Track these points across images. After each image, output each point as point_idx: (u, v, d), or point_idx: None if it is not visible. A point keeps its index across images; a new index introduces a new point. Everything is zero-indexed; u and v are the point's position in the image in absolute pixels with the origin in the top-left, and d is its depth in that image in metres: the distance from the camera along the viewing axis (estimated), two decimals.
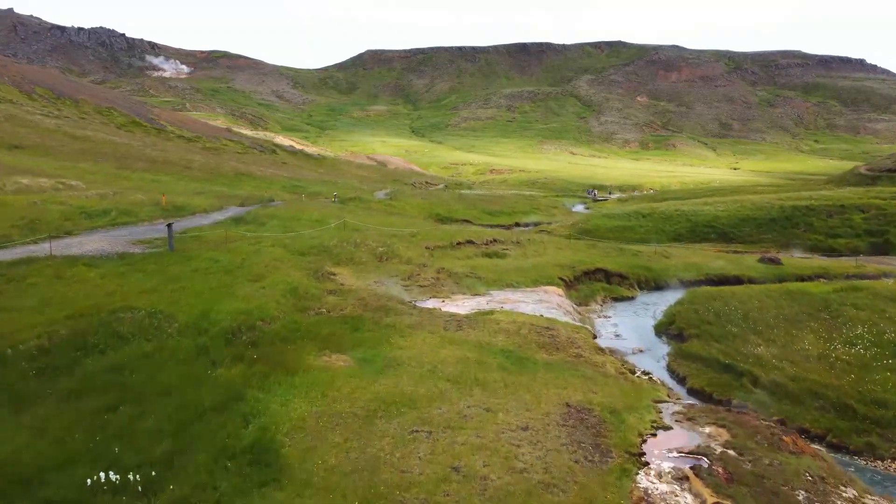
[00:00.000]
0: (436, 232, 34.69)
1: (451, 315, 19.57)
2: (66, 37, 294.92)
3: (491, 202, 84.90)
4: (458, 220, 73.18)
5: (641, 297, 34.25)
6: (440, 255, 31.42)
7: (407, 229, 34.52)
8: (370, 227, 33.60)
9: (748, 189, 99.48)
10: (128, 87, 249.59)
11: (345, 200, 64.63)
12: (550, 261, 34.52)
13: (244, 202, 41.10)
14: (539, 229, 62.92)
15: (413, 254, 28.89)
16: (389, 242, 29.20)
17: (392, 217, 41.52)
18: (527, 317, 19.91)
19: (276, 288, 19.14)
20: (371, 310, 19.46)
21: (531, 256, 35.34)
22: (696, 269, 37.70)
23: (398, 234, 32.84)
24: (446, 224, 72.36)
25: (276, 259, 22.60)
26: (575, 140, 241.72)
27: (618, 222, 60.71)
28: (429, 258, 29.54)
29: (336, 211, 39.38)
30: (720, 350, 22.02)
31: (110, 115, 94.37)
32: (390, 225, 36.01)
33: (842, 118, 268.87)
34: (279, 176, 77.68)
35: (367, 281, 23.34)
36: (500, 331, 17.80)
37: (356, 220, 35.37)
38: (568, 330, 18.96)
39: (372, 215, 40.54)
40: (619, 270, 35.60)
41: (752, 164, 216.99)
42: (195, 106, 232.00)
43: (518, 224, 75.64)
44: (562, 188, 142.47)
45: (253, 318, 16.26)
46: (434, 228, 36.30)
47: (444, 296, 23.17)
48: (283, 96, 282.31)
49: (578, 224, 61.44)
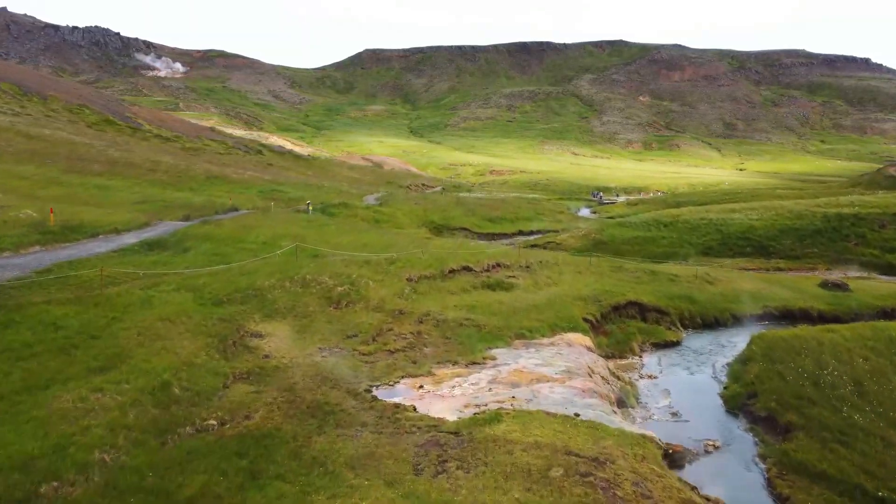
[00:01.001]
0: (421, 258, 26.48)
1: (429, 426, 11.46)
2: (60, 36, 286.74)
3: (491, 207, 76.78)
4: (455, 228, 65.06)
5: (688, 339, 26.17)
6: (426, 289, 23.30)
7: (385, 253, 26.32)
8: (337, 251, 25.43)
9: (766, 192, 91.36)
10: (120, 87, 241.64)
11: (326, 207, 56.58)
12: (569, 291, 26.44)
13: (190, 214, 32.91)
14: (546, 240, 54.85)
15: (387, 292, 20.77)
16: (356, 276, 21.07)
17: (371, 234, 33.01)
18: (555, 426, 11.82)
19: (132, 384, 11.10)
20: (298, 415, 11.46)
21: (544, 286, 27.24)
22: (752, 299, 29.63)
23: (372, 259, 24.72)
24: (442, 233, 64.35)
25: (167, 317, 14.51)
26: (577, 140, 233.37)
27: (636, 232, 52.61)
28: (409, 297, 21.41)
29: (300, 226, 31.09)
30: (853, 462, 13.95)
31: (81, 112, 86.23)
32: (365, 246, 27.88)
33: (848, 118, 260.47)
34: (258, 179, 69.58)
35: (310, 347, 15.28)
36: (514, 472, 9.76)
37: (321, 239, 27.34)
38: (628, 457, 10.87)
39: (347, 231, 32.31)
40: (657, 304, 27.52)
41: (758, 165, 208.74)
42: (189, 105, 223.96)
43: (521, 232, 67.45)
44: (565, 190, 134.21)
45: (38, 475, 8.28)
46: (421, 250, 28.00)
47: (425, 371, 15.06)
48: (280, 96, 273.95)
49: (592, 235, 53.34)
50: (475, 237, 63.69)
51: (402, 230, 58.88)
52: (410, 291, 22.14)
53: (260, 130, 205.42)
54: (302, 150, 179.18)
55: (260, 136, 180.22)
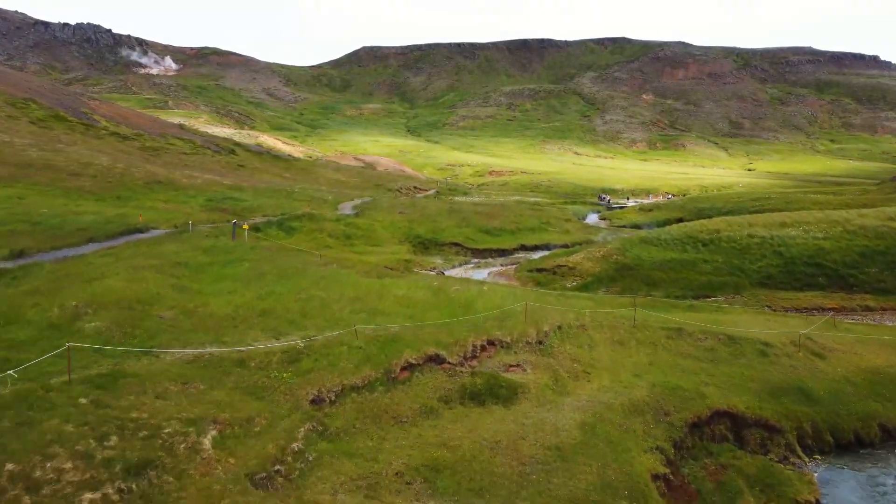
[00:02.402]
0: (354, 344, 14.62)
1: None
2: (51, 33, 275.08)
3: (489, 215, 65.03)
4: (444, 243, 53.31)
5: (827, 485, 14.55)
6: (349, 422, 11.73)
7: (291, 333, 14.69)
8: (187, 338, 13.62)
9: (800, 197, 79.48)
10: (109, 84, 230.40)
11: (285, 221, 45.02)
12: (613, 397, 14.95)
13: (23, 250, 21.13)
14: (556, 262, 43.15)
15: (244, 461, 9.21)
16: (177, 427, 9.56)
17: (288, 281, 20.44)
18: None
19: None
20: None
21: (570, 383, 15.74)
22: (893, 389, 18.06)
23: (251, 356, 13.10)
24: (429, 251, 52.56)
25: None
26: (579, 139, 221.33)
27: (669, 253, 40.94)
28: (298, 468, 9.82)
29: (168, 273, 18.76)
30: None
31: (26, 107, 74.66)
32: (263, 315, 16.03)
33: (857, 117, 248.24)
34: (215, 184, 57.89)
35: None
36: None
37: (181, 305, 15.59)
38: None
39: (254, 278, 20.20)
40: (759, 413, 15.94)
41: (768, 165, 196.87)
42: (178, 103, 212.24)
43: (524, 247, 55.77)
44: (569, 192, 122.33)
45: None
46: (356, 331, 15.72)
47: None
48: (274, 94, 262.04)
49: (613, 256, 41.67)
50: (469, 254, 51.90)
51: (376, 248, 47.09)
52: (308, 441, 10.51)
53: (251, 129, 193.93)
54: (293, 149, 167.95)
55: (250, 134, 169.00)
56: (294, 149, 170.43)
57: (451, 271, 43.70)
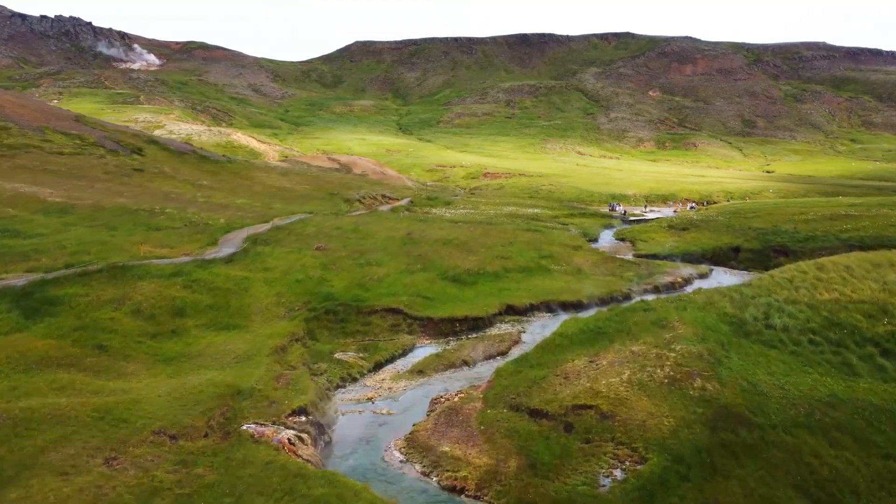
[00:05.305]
0: None
1: None
2: (27, 25, 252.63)
3: (465, 245, 42.20)
4: (372, 310, 29.50)
5: None
6: None
7: None
8: None
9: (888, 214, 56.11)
10: (80, 79, 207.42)
11: (45, 287, 22.68)
12: None
13: None
14: (574, 399, 20.33)
15: None
16: None
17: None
18: None
19: None
20: None
21: None
22: None
23: None
24: (343, 326, 29.25)
25: None
26: (582, 138, 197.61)
27: (811, 375, 18.03)
28: None
29: None
30: None
31: None
32: None
33: (879, 115, 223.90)
34: (36, 201, 35.17)
35: None
36: None
37: None
38: None
39: None
40: None
41: (788, 167, 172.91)
42: (150, 99, 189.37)
43: (512, 310, 32.77)
44: (573, 198, 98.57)
45: None
46: None
47: None
48: (260, 90, 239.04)
49: (692, 379, 18.80)
50: (414, 330, 28.73)
51: (222, 338, 23.59)
52: None
53: (228, 126, 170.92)
54: (268, 148, 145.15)
55: (222, 132, 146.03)
56: (270, 147, 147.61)
57: (346, 405, 20.71)
